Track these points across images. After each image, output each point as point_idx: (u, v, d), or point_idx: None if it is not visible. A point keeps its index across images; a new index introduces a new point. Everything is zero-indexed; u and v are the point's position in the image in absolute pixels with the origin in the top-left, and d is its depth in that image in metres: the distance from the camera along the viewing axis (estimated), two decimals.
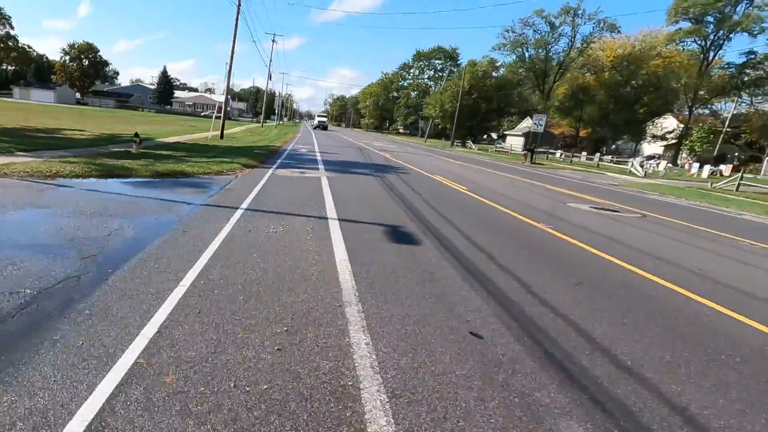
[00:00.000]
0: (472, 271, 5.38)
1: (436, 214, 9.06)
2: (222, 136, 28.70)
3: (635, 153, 61.06)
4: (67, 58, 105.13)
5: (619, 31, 55.35)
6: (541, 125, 33.67)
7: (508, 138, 73.71)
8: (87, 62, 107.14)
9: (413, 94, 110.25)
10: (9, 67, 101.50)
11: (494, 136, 79.01)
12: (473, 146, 57.21)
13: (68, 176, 9.21)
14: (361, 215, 8.19)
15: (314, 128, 78.36)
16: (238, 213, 7.41)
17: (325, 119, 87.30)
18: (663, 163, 35.35)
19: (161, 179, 10.26)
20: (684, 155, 51.84)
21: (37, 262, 4.39)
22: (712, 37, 54.51)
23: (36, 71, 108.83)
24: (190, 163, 12.84)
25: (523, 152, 43.15)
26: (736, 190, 22.91)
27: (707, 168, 31.43)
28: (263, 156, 17.81)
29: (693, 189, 22.72)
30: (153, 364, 2.89)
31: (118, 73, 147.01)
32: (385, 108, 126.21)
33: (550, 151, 50.67)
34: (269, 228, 6.61)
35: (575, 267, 6.11)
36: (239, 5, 28.10)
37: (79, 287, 3.93)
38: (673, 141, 55.58)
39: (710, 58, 55.85)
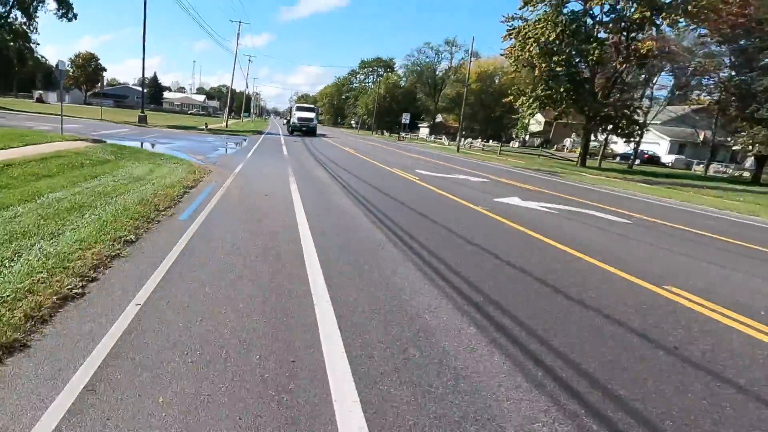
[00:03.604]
0: (309, 149, 31.79)
1: (311, 144, 35.66)
2: (227, 126, 54.50)
3: (510, 139, 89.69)
4: (75, 66, 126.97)
5: (479, 57, 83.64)
6: (407, 120, 60.93)
7: (421, 129, 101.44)
8: (90, 69, 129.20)
9: (360, 95, 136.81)
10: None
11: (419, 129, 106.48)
12: (387, 134, 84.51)
13: (202, 133, 35.34)
14: (290, 140, 34.66)
15: (292, 131, 45.35)
16: (261, 138, 33.82)
17: (312, 116, 45.94)
18: (473, 141, 63.14)
19: (231, 135, 36.37)
20: (514, 137, 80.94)
21: (218, 146, 30.82)
22: None
23: (43, 77, 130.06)
24: (234, 132, 39.13)
25: (392, 134, 70.99)
26: (498, 153, 49.69)
27: (472, 140, 59.39)
28: (257, 132, 43.90)
29: (444, 147, 50.19)
30: (255, 154, 29.42)
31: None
32: (338, 106, 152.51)
33: (424, 136, 78.67)
34: (269, 140, 33.04)
35: (338, 157, 32.74)
36: (237, 50, 53.97)
37: (239, 145, 30.40)
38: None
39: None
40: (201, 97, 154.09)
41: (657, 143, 53.87)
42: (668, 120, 49.45)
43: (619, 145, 54.66)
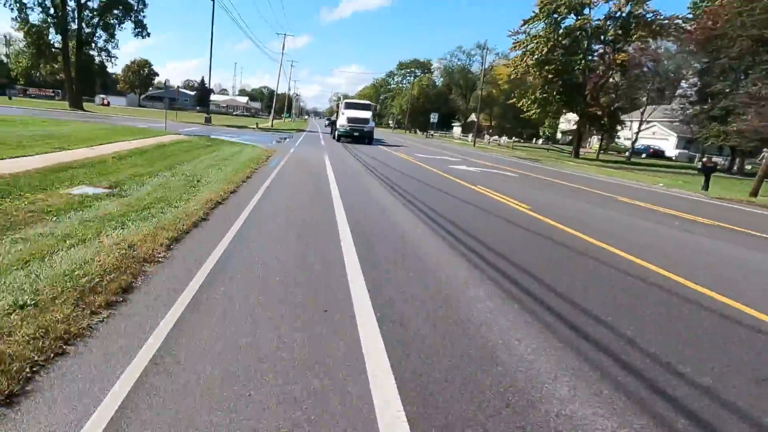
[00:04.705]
0: (348, 147, 38.80)
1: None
2: (272, 125, 62.36)
3: (536, 137, 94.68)
4: (130, 72, 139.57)
5: (509, 57, 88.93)
6: (435, 119, 67.36)
7: (454, 128, 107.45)
8: (144, 74, 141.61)
9: (396, 96, 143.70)
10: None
11: (453, 126, 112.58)
12: (419, 133, 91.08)
13: (255, 131, 42.92)
14: (327, 135, 41.82)
15: (339, 138, 34.67)
16: (303, 135, 41.05)
17: (367, 116, 33.94)
18: (488, 137, 68.86)
19: (278, 132, 43.82)
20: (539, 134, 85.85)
21: (272, 140, 38.21)
22: None
23: (102, 82, 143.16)
24: (280, 130, 46.68)
25: (424, 133, 77.50)
26: (512, 147, 55.65)
27: (497, 137, 65.04)
28: (299, 130, 51.31)
29: (466, 143, 56.26)
30: (300, 144, 36.61)
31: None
32: None
33: (455, 134, 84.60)
34: (310, 136, 40.24)
35: (362, 146, 39.58)
36: (282, 60, 61.66)
37: (287, 140, 37.71)
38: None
39: None
40: (244, 99, 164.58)
41: (666, 139, 58.29)
42: (673, 118, 54.04)
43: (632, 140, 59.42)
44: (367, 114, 33.66)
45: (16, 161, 11.18)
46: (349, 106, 35.34)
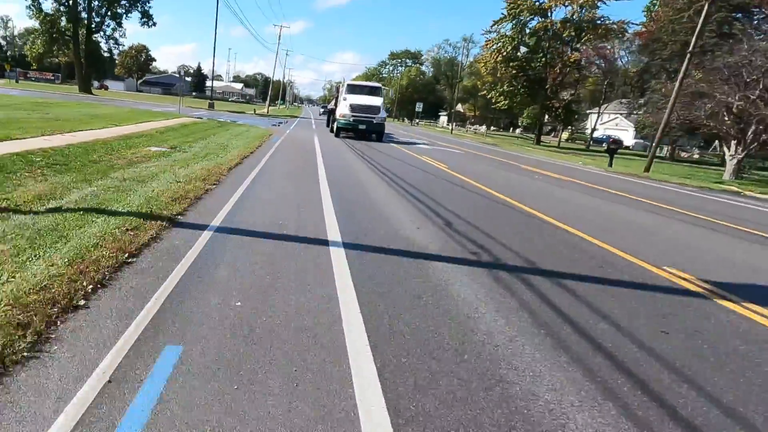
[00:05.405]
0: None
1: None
2: (268, 111, 66.83)
3: (516, 126, 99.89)
4: (127, 57, 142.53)
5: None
6: (420, 108, 72.12)
7: (441, 118, 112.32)
8: (141, 60, 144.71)
9: (386, 86, 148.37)
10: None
11: (441, 115, 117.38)
12: (406, 121, 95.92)
13: (254, 116, 47.57)
14: (319, 121, 46.52)
15: (338, 132, 25.57)
16: (297, 120, 45.72)
17: (377, 103, 25.67)
18: (469, 126, 73.78)
19: (275, 118, 48.47)
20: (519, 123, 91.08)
21: (269, 123, 42.87)
22: None
23: (99, 66, 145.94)
24: (276, 116, 51.35)
25: (410, 122, 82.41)
26: (485, 135, 60.62)
27: (478, 126, 70.03)
28: (293, 117, 55.94)
29: (447, 131, 61.16)
30: (295, 127, 41.33)
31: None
32: None
33: (442, 123, 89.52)
34: (303, 121, 44.98)
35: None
36: (277, 49, 65.89)
37: (283, 124, 42.40)
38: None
39: None
40: (239, 85, 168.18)
41: (626, 130, 63.58)
42: (624, 112, 59.23)
43: (597, 131, 64.81)
44: (377, 101, 26.10)
45: (94, 132, 15.87)
46: (352, 89, 27.36)
